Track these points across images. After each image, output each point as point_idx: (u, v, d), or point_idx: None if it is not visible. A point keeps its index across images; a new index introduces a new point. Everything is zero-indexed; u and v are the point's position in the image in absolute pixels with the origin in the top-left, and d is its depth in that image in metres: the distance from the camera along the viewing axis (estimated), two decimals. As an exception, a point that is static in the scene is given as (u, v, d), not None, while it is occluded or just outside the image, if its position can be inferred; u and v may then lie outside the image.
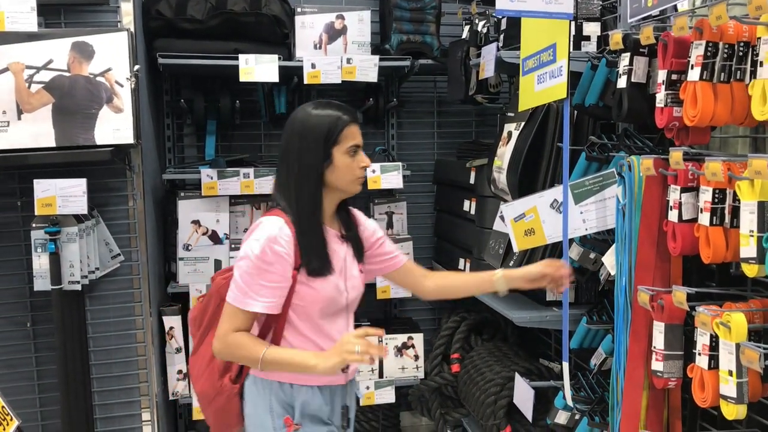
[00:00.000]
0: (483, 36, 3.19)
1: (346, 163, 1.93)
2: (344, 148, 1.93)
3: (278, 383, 1.94)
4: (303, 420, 1.95)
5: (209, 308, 2.07)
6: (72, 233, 2.72)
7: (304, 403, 1.95)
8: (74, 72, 2.72)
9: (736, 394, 1.65)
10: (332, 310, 1.98)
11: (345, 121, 1.93)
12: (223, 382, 2.00)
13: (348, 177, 1.95)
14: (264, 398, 1.96)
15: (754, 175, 1.56)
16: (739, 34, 1.71)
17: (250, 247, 1.88)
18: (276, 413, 1.95)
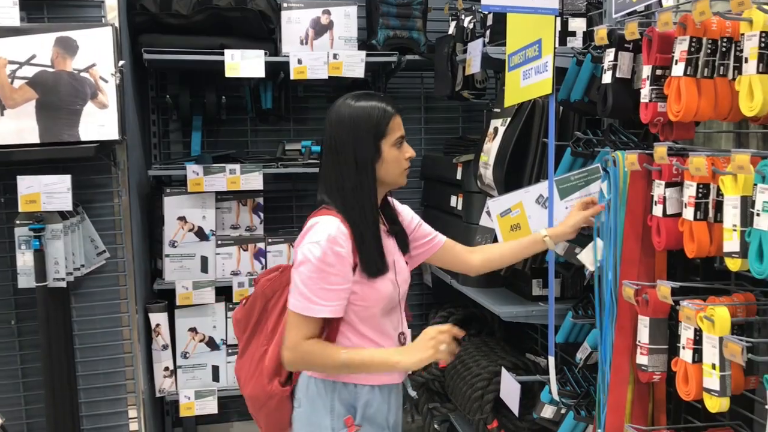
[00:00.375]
0: (469, 32, 3.19)
1: (395, 156, 1.90)
2: (392, 140, 1.89)
3: (342, 383, 1.91)
4: (363, 421, 1.93)
5: (254, 310, 2.03)
6: (57, 230, 2.70)
7: (366, 403, 1.92)
8: (58, 67, 2.70)
9: (719, 387, 1.66)
10: (390, 307, 1.95)
11: (391, 112, 1.90)
12: (273, 386, 1.95)
13: (396, 170, 1.92)
14: (324, 399, 1.91)
15: (737, 169, 1.57)
16: (722, 29, 1.72)
17: (308, 250, 1.80)
18: (337, 413, 1.91)
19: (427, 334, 1.82)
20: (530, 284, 2.84)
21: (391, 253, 1.96)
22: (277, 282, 2.01)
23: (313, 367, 1.89)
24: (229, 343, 3.51)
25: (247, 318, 2.04)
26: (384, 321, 1.95)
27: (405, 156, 1.93)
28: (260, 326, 2.02)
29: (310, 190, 3.99)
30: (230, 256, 3.45)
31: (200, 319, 3.46)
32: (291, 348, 1.83)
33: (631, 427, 1.97)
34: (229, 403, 3.87)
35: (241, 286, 3.40)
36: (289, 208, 3.96)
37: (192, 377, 3.47)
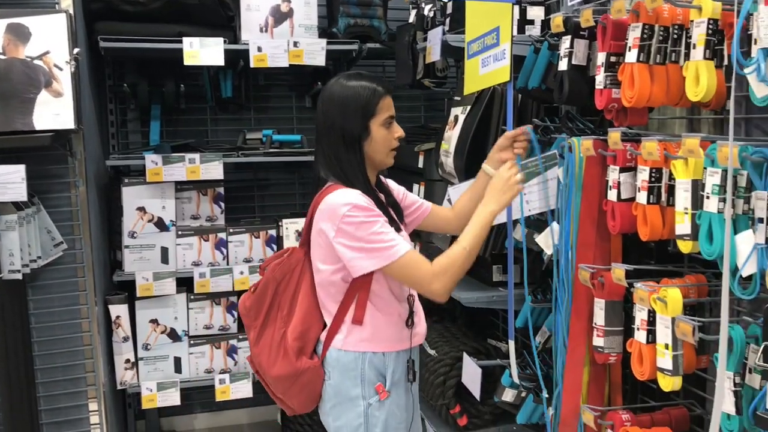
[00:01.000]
0: (429, 20, 3.19)
1: (383, 135, 1.99)
2: (381, 119, 1.98)
3: (371, 353, 2.00)
4: (392, 387, 2.03)
5: (266, 296, 2.08)
6: (11, 221, 2.65)
7: (393, 370, 2.03)
8: (10, 55, 2.64)
9: (672, 367, 1.70)
10: None
11: (381, 92, 1.97)
12: (302, 362, 2.02)
13: (384, 149, 2.01)
14: (354, 368, 2.00)
15: (687, 153, 1.60)
16: (673, 17, 1.76)
17: (352, 217, 1.89)
18: (368, 381, 2.00)
19: (502, 177, 2.02)
20: (490, 270, 2.87)
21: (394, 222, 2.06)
22: (286, 265, 2.09)
23: (458, 275, 1.96)
24: (191, 334, 3.48)
25: (258, 305, 2.09)
26: (396, 289, 2.05)
27: (394, 136, 2.02)
28: (274, 311, 2.08)
29: (272, 179, 3.98)
30: (191, 246, 3.42)
31: (161, 311, 3.43)
32: (431, 280, 1.92)
33: (588, 408, 2.01)
34: (193, 395, 3.86)
35: (203, 276, 3.37)
36: (251, 198, 3.94)
37: (154, 369, 3.44)
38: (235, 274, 3.41)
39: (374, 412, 2.01)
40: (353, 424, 2.02)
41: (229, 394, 3.47)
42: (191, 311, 3.47)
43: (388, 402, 2.02)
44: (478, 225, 1.99)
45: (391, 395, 2.03)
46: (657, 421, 1.95)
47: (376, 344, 2.01)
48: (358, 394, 2.01)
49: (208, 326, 3.50)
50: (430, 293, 1.95)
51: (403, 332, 2.06)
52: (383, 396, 2.01)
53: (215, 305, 3.50)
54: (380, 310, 2.01)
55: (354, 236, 1.90)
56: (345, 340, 2.02)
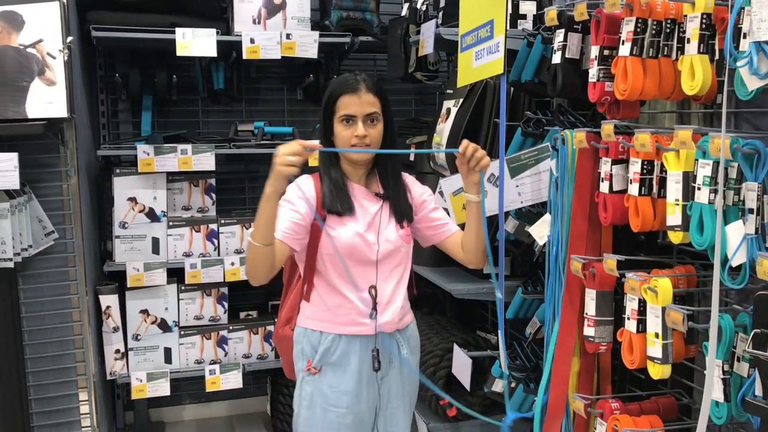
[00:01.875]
0: (422, 13, 3.21)
1: (340, 132, 2.05)
2: (337, 117, 2.05)
3: (310, 330, 2.13)
4: (324, 365, 2.10)
5: (286, 268, 2.26)
6: (3, 209, 2.64)
7: (326, 350, 2.09)
8: (2, 42, 2.63)
9: (661, 355, 1.74)
10: (359, 259, 2.08)
11: (339, 92, 2.06)
12: (284, 330, 2.23)
13: (344, 145, 2.06)
14: (299, 343, 2.15)
15: (679, 145, 1.63)
16: (666, 11, 1.79)
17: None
18: (304, 355, 2.13)
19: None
20: (482, 263, 2.89)
21: (369, 213, 2.11)
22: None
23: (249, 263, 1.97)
24: (182, 324, 3.48)
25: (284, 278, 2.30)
26: (354, 272, 2.07)
27: (354, 134, 2.04)
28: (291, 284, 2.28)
29: (263, 171, 3.94)
30: (182, 237, 3.42)
31: (152, 301, 3.43)
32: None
33: (578, 396, 2.04)
34: (182, 386, 3.86)
35: (194, 267, 3.37)
36: (242, 190, 3.94)
37: (144, 359, 3.44)
38: (226, 265, 3.41)
39: (304, 386, 2.14)
40: (296, 392, 2.19)
41: (219, 385, 3.48)
42: (182, 302, 3.47)
43: (316, 379, 2.11)
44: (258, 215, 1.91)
45: (324, 374, 2.10)
46: (646, 410, 1.98)
47: (314, 323, 2.12)
48: (300, 367, 2.15)
49: (198, 317, 3.51)
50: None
51: (356, 318, 2.09)
52: (306, 369, 2.11)
53: (206, 296, 3.50)
54: (324, 292, 2.11)
55: None
56: (299, 316, 2.18)
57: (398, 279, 2.17)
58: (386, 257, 2.12)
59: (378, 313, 2.10)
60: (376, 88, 2.10)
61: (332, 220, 2.06)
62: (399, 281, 2.17)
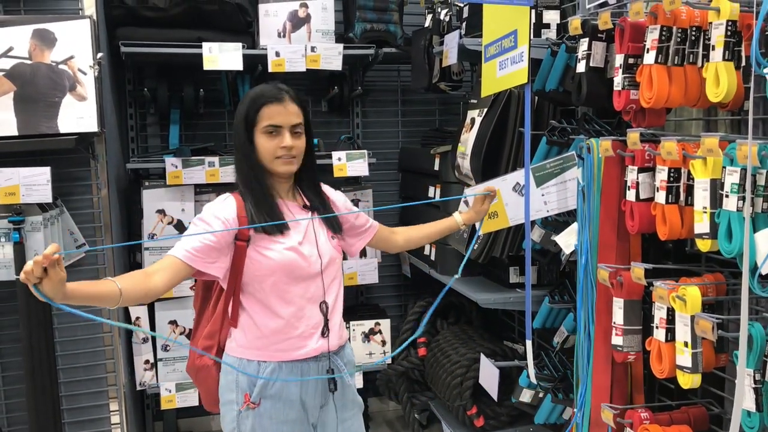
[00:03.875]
0: (445, 24, 3.23)
1: (263, 143, 1.96)
2: (260, 128, 1.96)
3: (246, 360, 1.98)
4: (264, 399, 1.96)
5: (198, 291, 2.20)
6: (36, 222, 2.69)
7: (265, 382, 1.96)
8: (36, 59, 2.69)
9: (691, 364, 1.72)
10: (299, 275, 1.97)
11: (262, 101, 1.95)
12: (202, 360, 2.07)
13: (268, 157, 1.96)
14: (231, 373, 1.98)
15: (706, 153, 1.63)
16: (691, 19, 1.78)
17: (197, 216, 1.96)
18: (240, 388, 1.97)
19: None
20: (507, 272, 2.90)
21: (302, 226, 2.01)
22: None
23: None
24: (210, 335, 3.51)
25: (195, 299, 2.23)
26: (293, 289, 1.98)
27: (279, 145, 1.96)
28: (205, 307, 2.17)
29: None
30: (210, 248, 3.46)
31: (180, 312, 3.46)
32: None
33: (608, 406, 2.02)
34: (210, 396, 3.88)
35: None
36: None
37: (173, 370, 3.48)
38: (253, 276, 3.44)
39: (243, 420, 1.97)
40: (228, 428, 2.01)
41: (247, 395, 3.50)
42: (210, 313, 3.51)
43: (256, 413, 1.96)
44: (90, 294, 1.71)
45: (264, 407, 1.96)
46: (676, 420, 1.96)
47: (249, 352, 1.98)
48: (233, 399, 1.98)
49: (226, 328, 3.53)
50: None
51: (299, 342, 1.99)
52: (245, 405, 1.96)
53: (233, 307, 3.53)
54: (262, 316, 1.98)
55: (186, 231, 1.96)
56: (229, 344, 2.04)
57: (337, 292, 2.09)
58: (326, 269, 2.04)
59: (329, 330, 2.03)
60: (299, 99, 2.02)
61: (261, 239, 1.94)
62: (337, 294, 2.09)
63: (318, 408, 2.05)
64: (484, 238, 2.75)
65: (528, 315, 2.39)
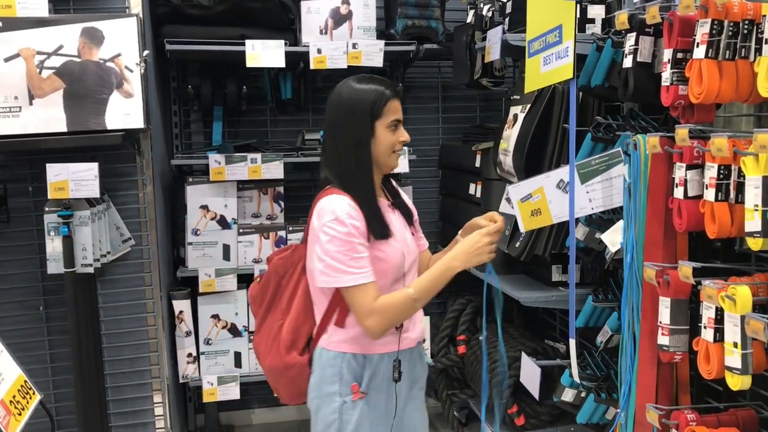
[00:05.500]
0: (488, 20, 3.21)
1: (387, 137, 1.99)
2: (386, 122, 1.98)
3: (351, 354, 2.02)
4: (369, 389, 2.03)
5: (269, 287, 2.14)
6: (84, 217, 2.75)
7: (375, 372, 2.03)
8: (84, 57, 2.75)
9: (741, 365, 1.68)
10: (398, 276, 2.04)
11: (388, 95, 1.98)
12: (291, 356, 2.07)
13: (387, 150, 2.00)
14: (334, 366, 2.02)
15: (759, 149, 1.58)
16: (743, 12, 1.74)
17: (331, 228, 1.91)
18: (345, 380, 2.02)
19: (473, 240, 1.99)
20: (550, 270, 2.87)
21: (395, 225, 2.06)
22: (288, 261, 2.13)
23: (396, 319, 1.97)
24: (251, 329, 3.55)
25: (262, 294, 2.16)
26: (396, 286, 2.03)
27: (399, 139, 2.02)
28: (275, 302, 2.14)
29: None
30: (252, 244, 3.50)
31: (222, 306, 3.51)
32: (367, 315, 1.92)
33: (653, 407, 1.99)
34: (251, 390, 3.93)
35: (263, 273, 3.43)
36: (309, 197, 3.94)
37: (215, 363, 3.53)
38: (294, 271, 3.46)
39: (348, 411, 2.02)
40: (329, 419, 2.04)
41: (287, 390, 3.53)
42: (251, 308, 3.55)
43: (363, 404, 2.02)
44: (434, 277, 1.98)
45: (368, 396, 2.03)
46: (723, 422, 1.92)
47: (356, 346, 2.02)
48: (336, 391, 2.02)
49: (267, 323, 3.57)
50: (363, 327, 1.96)
51: (390, 336, 2.03)
52: (356, 396, 2.01)
53: (274, 302, 3.57)
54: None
55: (323, 247, 1.92)
56: (329, 340, 2.05)
57: None
58: (411, 267, 2.10)
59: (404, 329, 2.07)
60: None
61: (376, 241, 1.99)
62: None
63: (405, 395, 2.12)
64: (526, 235, 2.73)
65: (572, 314, 2.36)
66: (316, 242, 1.95)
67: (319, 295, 2.05)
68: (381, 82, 2.02)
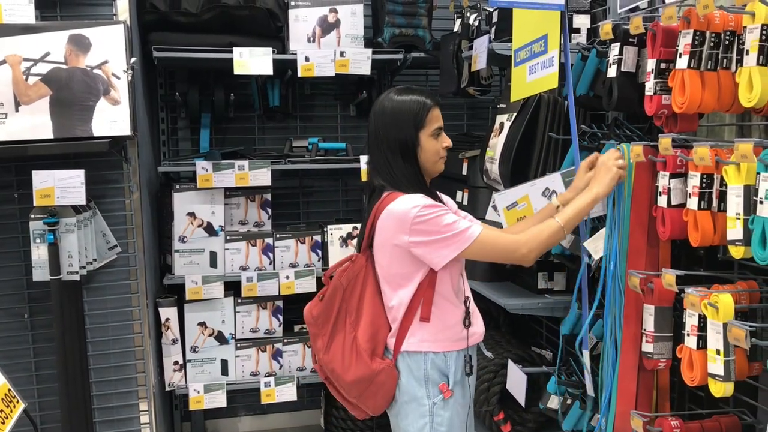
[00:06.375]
0: (475, 29, 3.23)
1: (432, 145, 2.09)
2: (429, 130, 2.08)
3: (433, 353, 2.08)
4: (454, 386, 2.10)
5: (335, 304, 2.12)
6: (70, 224, 2.74)
7: (456, 369, 2.10)
8: (71, 64, 2.74)
9: (723, 372, 1.70)
10: (461, 269, 2.16)
11: (429, 105, 2.08)
12: (377, 362, 2.09)
13: (433, 158, 2.11)
14: (418, 369, 2.08)
15: (740, 158, 1.61)
16: (725, 23, 1.76)
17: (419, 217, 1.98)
18: (432, 381, 2.08)
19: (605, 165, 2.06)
20: (536, 277, 2.88)
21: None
22: (351, 272, 2.16)
23: (546, 244, 2.06)
24: (238, 337, 3.55)
25: (327, 312, 2.14)
26: (459, 284, 2.14)
27: (442, 145, 2.13)
28: (342, 317, 2.14)
29: (317, 186, 4.04)
30: (239, 251, 3.50)
31: (209, 314, 3.50)
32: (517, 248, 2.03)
33: (637, 414, 2.00)
34: (237, 398, 3.92)
35: (250, 280, 3.44)
36: (296, 204, 4.00)
37: (201, 371, 3.51)
38: (281, 278, 3.47)
39: (439, 411, 2.08)
40: (418, 424, 2.08)
41: (274, 397, 3.53)
42: (238, 315, 3.54)
43: (452, 401, 2.09)
44: (580, 206, 2.06)
45: (455, 394, 2.10)
46: (707, 429, 1.94)
47: (437, 344, 2.08)
48: (423, 394, 2.08)
49: (254, 330, 3.57)
50: (517, 259, 2.05)
51: (462, 332, 2.13)
52: (447, 395, 2.08)
53: (261, 309, 3.57)
54: (442, 311, 2.09)
55: (428, 231, 1.99)
56: (409, 341, 2.09)
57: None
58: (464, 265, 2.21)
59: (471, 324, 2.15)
60: None
61: None
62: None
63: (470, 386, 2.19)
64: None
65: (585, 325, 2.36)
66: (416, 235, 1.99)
67: (396, 297, 2.09)
68: (420, 92, 2.12)
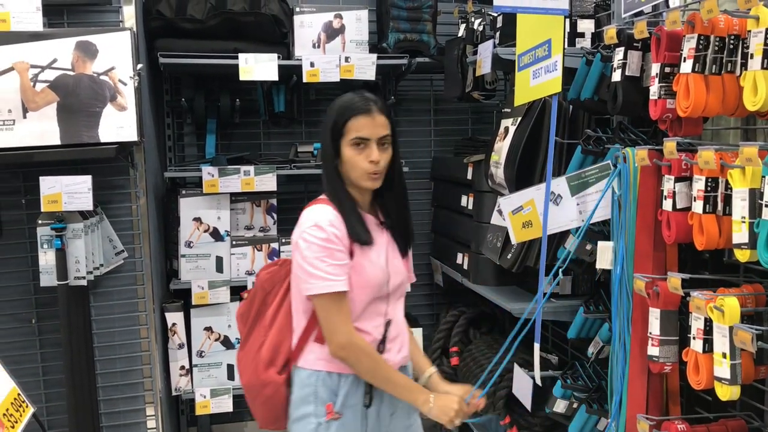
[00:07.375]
0: (479, 34, 3.24)
1: (350, 156, 1.91)
2: (348, 140, 1.91)
3: (326, 373, 1.96)
4: (344, 410, 1.96)
5: (255, 303, 2.09)
6: (78, 229, 2.76)
7: (347, 393, 1.96)
8: (78, 71, 2.76)
9: (729, 376, 1.70)
10: (379, 295, 1.98)
11: (351, 112, 1.90)
12: (268, 374, 2.00)
13: (355, 171, 1.92)
14: (309, 385, 1.97)
15: (745, 162, 1.61)
16: (729, 27, 1.77)
17: (310, 234, 1.88)
18: (320, 399, 1.96)
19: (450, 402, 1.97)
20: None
21: (381, 244, 2.00)
22: (276, 275, 2.09)
23: (357, 365, 1.93)
24: (244, 342, 3.55)
25: (248, 311, 2.11)
26: (369, 308, 1.98)
27: (368, 159, 1.91)
28: (259, 318, 2.08)
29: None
30: (245, 256, 3.51)
31: (215, 319, 3.51)
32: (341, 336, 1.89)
33: (643, 417, 2.00)
34: (244, 402, 3.88)
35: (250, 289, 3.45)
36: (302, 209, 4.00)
37: (207, 376, 3.52)
38: (287, 283, 3.47)
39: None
40: None
41: (280, 402, 3.53)
42: (244, 320, 3.55)
43: (337, 424, 1.96)
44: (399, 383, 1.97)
45: (344, 417, 1.96)
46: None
47: (332, 365, 1.95)
48: (311, 412, 1.96)
49: (260, 335, 3.57)
50: (331, 343, 1.91)
51: None
52: (329, 416, 1.95)
53: (267, 314, 3.57)
54: None
55: (302, 254, 1.89)
56: (305, 357, 1.99)
57: (402, 312, 2.11)
58: (395, 289, 2.04)
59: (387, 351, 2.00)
60: (387, 110, 1.96)
61: (358, 255, 1.93)
62: (402, 314, 2.11)
63: (389, 416, 2.06)
64: (518, 246, 2.75)
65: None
66: (295, 249, 1.91)
67: (299, 310, 2.00)
68: (351, 98, 1.94)
